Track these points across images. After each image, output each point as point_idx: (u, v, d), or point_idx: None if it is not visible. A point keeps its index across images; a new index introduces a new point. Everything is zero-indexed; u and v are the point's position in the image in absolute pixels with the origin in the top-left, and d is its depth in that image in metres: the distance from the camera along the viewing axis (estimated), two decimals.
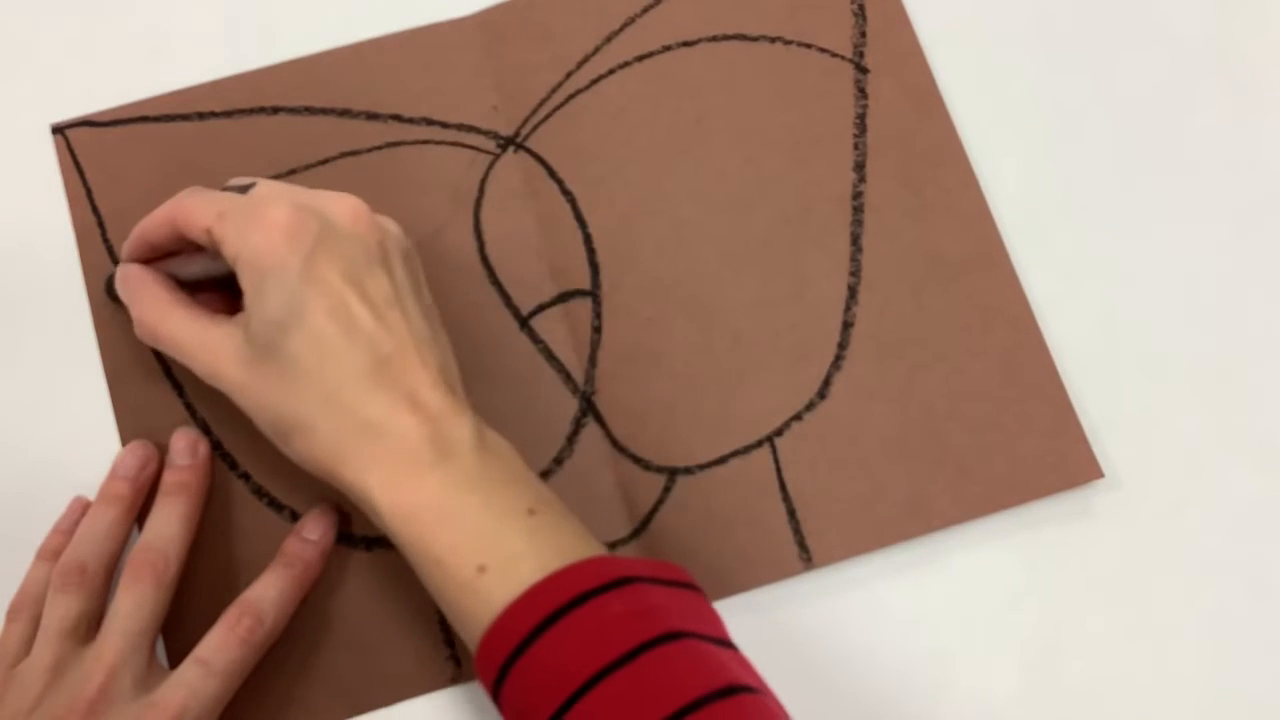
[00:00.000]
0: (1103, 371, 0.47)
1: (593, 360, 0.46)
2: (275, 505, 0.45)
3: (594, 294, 0.47)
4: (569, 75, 0.49)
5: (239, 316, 0.40)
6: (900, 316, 0.47)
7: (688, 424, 0.46)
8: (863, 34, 0.50)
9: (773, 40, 0.50)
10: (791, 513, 0.45)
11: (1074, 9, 0.51)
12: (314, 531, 0.43)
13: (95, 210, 0.48)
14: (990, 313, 0.47)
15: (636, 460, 0.45)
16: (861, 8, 0.50)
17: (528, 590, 0.36)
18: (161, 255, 0.44)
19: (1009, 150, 0.49)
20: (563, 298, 0.47)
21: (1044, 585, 0.45)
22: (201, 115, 0.49)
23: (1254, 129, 0.50)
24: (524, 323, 0.47)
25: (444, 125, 0.49)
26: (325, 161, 0.48)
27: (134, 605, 0.39)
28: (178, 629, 0.42)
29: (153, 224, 0.42)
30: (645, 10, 0.50)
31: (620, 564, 0.37)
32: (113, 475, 0.43)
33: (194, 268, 0.44)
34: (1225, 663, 0.44)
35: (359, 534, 0.45)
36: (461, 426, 0.38)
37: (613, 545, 0.45)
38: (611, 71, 0.49)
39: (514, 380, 0.46)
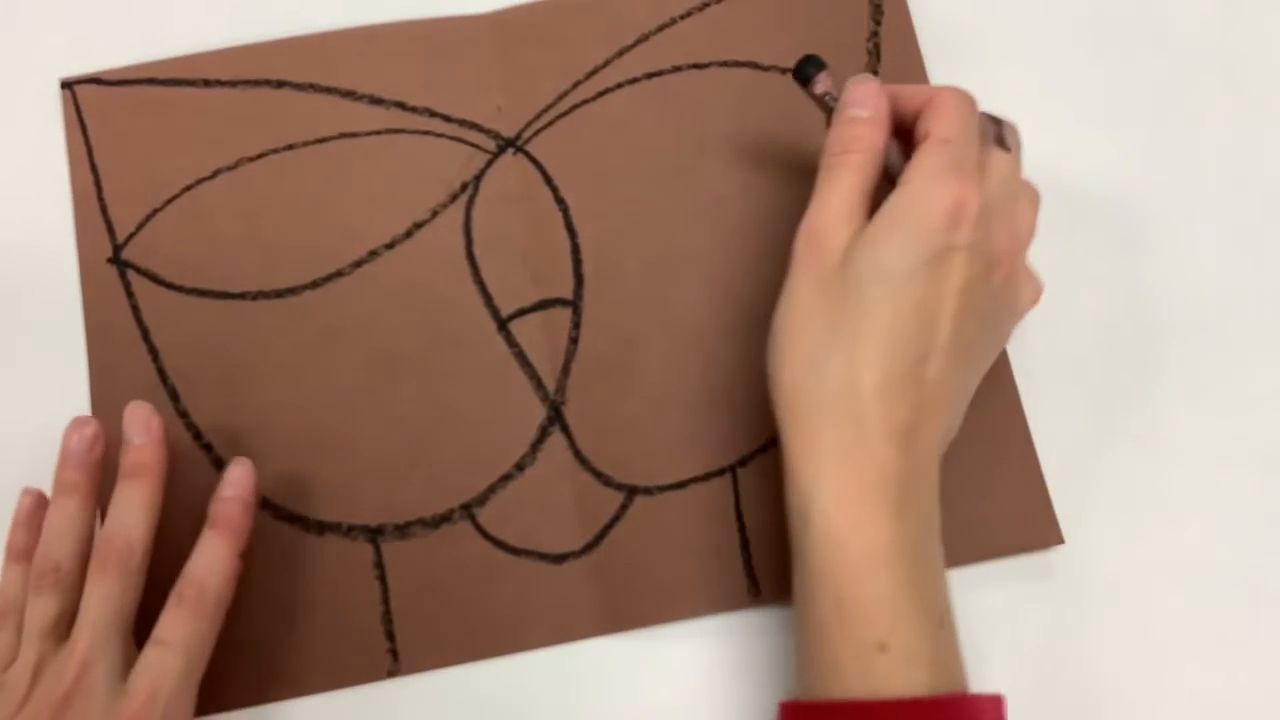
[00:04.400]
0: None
1: (566, 370, 0.46)
2: None
3: (575, 304, 0.47)
4: (576, 84, 0.49)
5: (865, 226, 0.38)
6: None
7: (652, 444, 0.45)
8: (875, 73, 0.50)
9: (784, 72, 0.49)
10: (745, 545, 0.45)
11: (1079, 38, 0.51)
12: (230, 487, 0.42)
13: (94, 168, 0.49)
14: None
15: (597, 475, 0.45)
16: (877, 47, 0.50)
17: (915, 702, 0.34)
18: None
19: None
20: (544, 304, 0.47)
21: (996, 643, 0.44)
22: (207, 82, 0.49)
23: (1255, 138, 0.50)
24: (502, 324, 0.47)
25: (446, 119, 0.49)
26: (323, 140, 0.49)
27: (102, 598, 0.39)
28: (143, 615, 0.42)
29: (910, 93, 0.40)
30: (660, 29, 0.50)
31: (992, 707, 0.36)
32: (63, 463, 0.42)
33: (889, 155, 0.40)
34: None
35: (313, 518, 0.45)
36: (930, 492, 0.37)
37: (563, 557, 0.45)
38: (619, 85, 0.49)
39: (485, 380, 0.46)
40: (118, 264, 0.48)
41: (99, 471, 0.42)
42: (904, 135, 0.40)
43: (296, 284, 0.47)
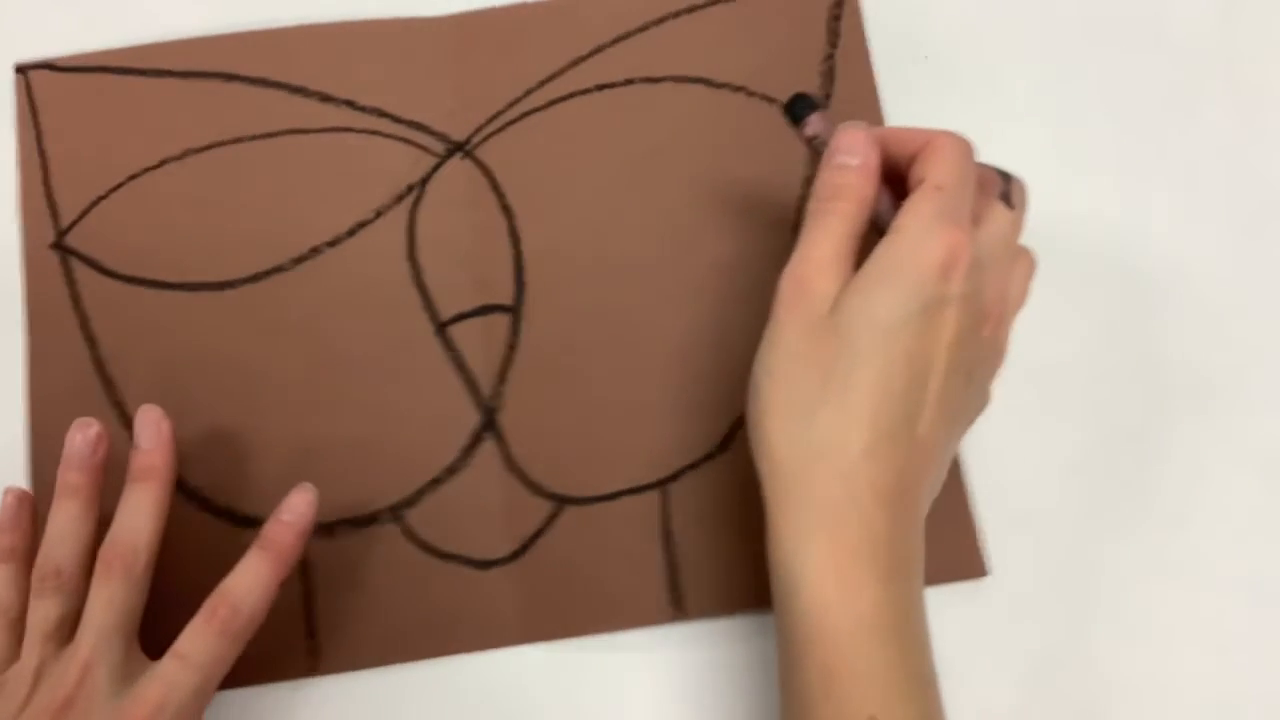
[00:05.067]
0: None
1: (502, 377, 0.46)
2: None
3: (515, 311, 0.47)
4: (529, 92, 0.49)
5: (853, 276, 0.36)
6: None
7: (585, 455, 0.46)
8: (828, 96, 0.50)
9: (736, 89, 0.50)
10: (671, 561, 0.45)
11: (1061, 56, 0.52)
12: (291, 512, 0.40)
13: (42, 153, 0.48)
14: None
15: (528, 483, 0.45)
16: (831, 70, 0.50)
17: None
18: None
19: None
20: (484, 310, 0.47)
21: (997, 643, 0.45)
22: (159, 72, 0.49)
23: (1256, 137, 0.50)
24: (441, 328, 0.47)
25: (396, 120, 0.49)
26: (271, 135, 0.48)
27: (105, 602, 0.38)
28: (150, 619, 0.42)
29: (909, 135, 0.38)
30: (615, 40, 0.50)
31: None
32: (66, 465, 0.41)
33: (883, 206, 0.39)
34: None
35: (241, 511, 0.45)
36: (917, 555, 0.36)
37: (489, 564, 0.45)
38: (571, 95, 0.49)
39: (421, 383, 0.46)
40: (60, 250, 0.48)
41: (102, 474, 0.41)
42: (896, 179, 0.39)
43: (236, 277, 0.47)
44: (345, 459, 0.45)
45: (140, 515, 0.40)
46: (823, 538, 0.35)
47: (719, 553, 0.45)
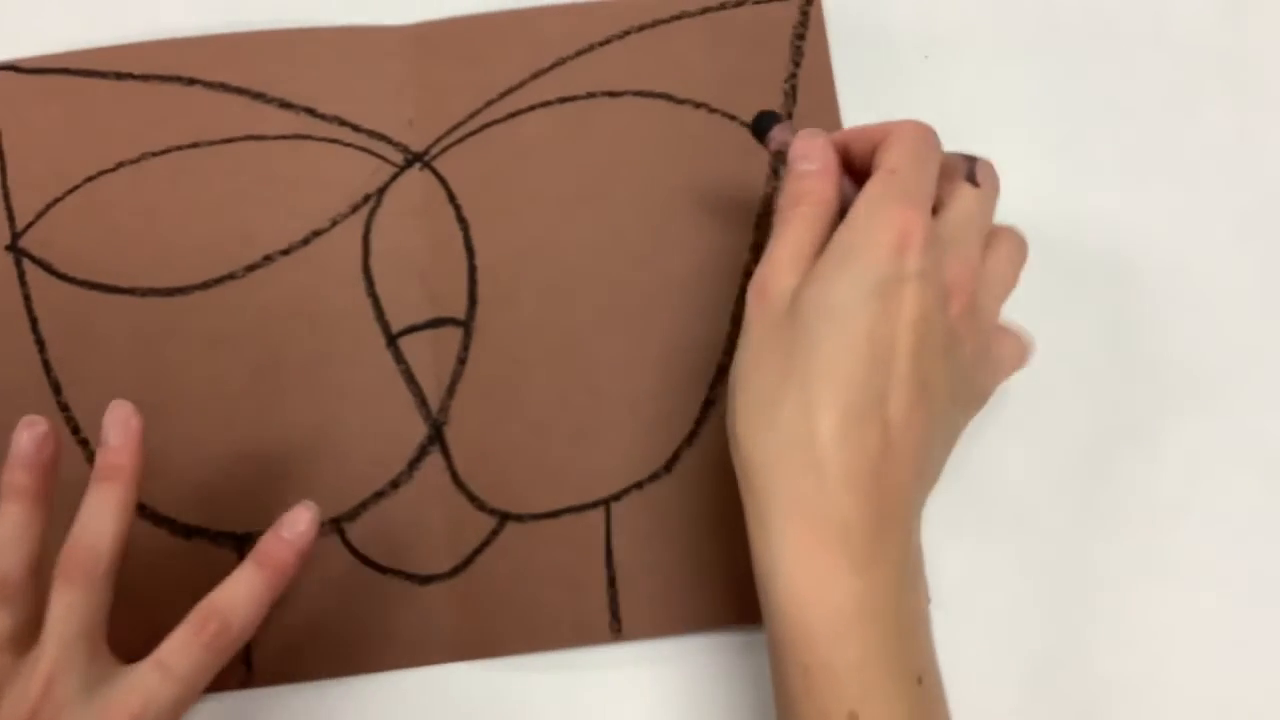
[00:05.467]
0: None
1: (451, 391, 0.46)
2: None
3: (467, 325, 0.47)
4: (489, 104, 0.49)
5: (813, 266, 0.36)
6: None
7: (529, 471, 0.45)
8: (789, 115, 0.50)
9: (698, 106, 0.49)
10: (612, 580, 0.44)
11: (1035, 64, 0.51)
12: (291, 529, 0.39)
13: (0, 155, 0.48)
14: None
15: (472, 498, 0.45)
16: (794, 89, 0.50)
17: None
18: (847, 161, 0.40)
19: None
20: (436, 323, 0.47)
21: (997, 642, 0.44)
22: (119, 75, 0.49)
23: (1257, 136, 0.50)
24: (391, 340, 0.47)
25: (356, 128, 0.49)
26: (229, 141, 0.48)
27: (66, 609, 0.36)
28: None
29: (874, 129, 0.39)
30: (578, 54, 0.50)
31: None
32: (11, 464, 0.38)
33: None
34: None
35: (182, 521, 0.45)
36: (903, 541, 0.35)
37: (429, 579, 0.45)
38: (531, 108, 0.49)
39: (369, 394, 0.46)
40: (14, 252, 0.47)
41: (51, 475, 0.39)
42: (867, 175, 0.39)
43: (187, 284, 0.47)
44: (290, 469, 0.45)
45: (103, 517, 0.37)
46: (792, 531, 0.34)
47: (661, 573, 0.44)
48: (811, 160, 0.39)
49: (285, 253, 0.47)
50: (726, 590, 0.44)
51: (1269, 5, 0.52)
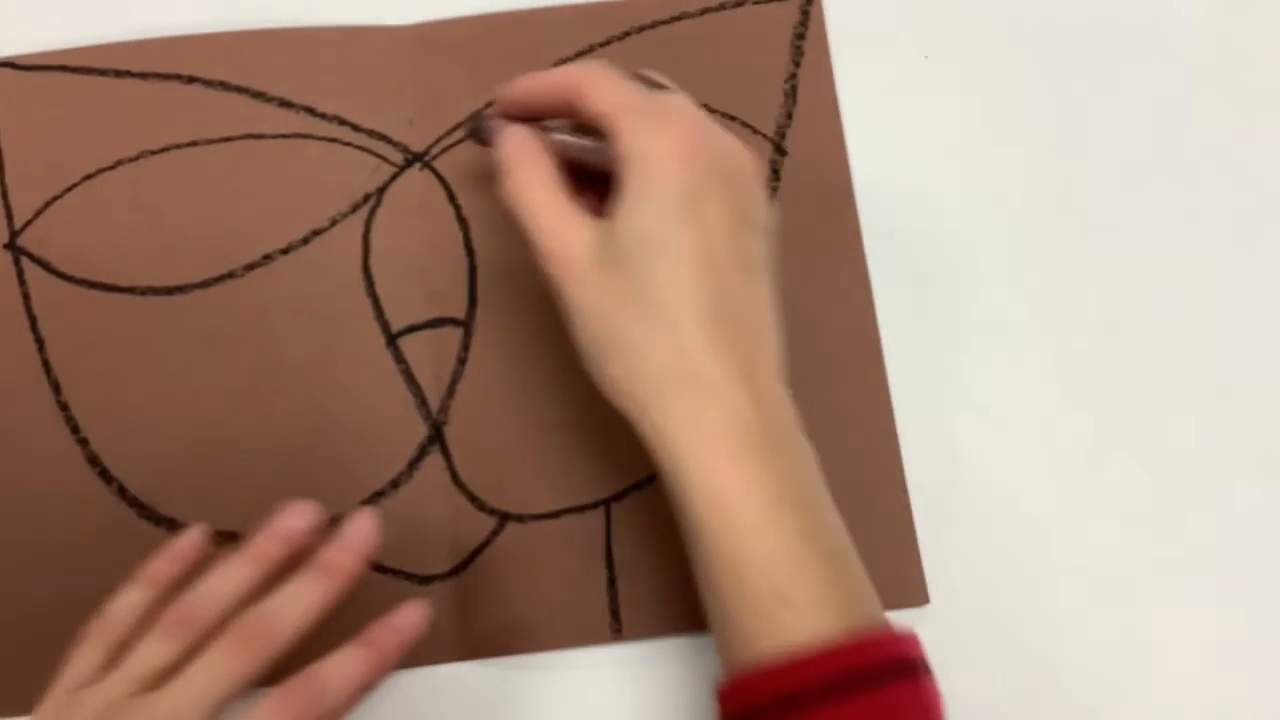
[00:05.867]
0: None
1: (451, 390, 0.46)
2: (105, 476, 0.45)
3: (467, 325, 0.47)
4: (489, 105, 0.49)
5: (604, 218, 0.37)
6: None
7: (530, 472, 0.45)
8: (789, 115, 0.50)
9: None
10: (612, 581, 0.44)
11: (1028, 76, 0.52)
12: (405, 620, 0.38)
13: None
14: (852, 417, 0.46)
15: (472, 498, 0.45)
16: (794, 89, 0.50)
17: (826, 649, 0.33)
18: (533, 118, 0.41)
19: (905, 247, 0.49)
20: (436, 323, 0.47)
21: (997, 642, 0.45)
22: (119, 73, 0.49)
23: (1256, 137, 0.50)
24: (391, 339, 0.47)
25: (356, 128, 0.49)
26: (228, 139, 0.48)
27: (218, 671, 0.35)
28: None
29: (542, 87, 0.39)
30: (578, 55, 0.50)
31: (907, 642, 0.35)
32: (269, 534, 0.38)
33: (570, 150, 0.40)
34: None
35: (183, 520, 0.45)
36: (789, 424, 0.36)
37: (429, 579, 0.45)
38: None
39: (369, 394, 0.46)
40: (13, 250, 0.47)
41: (289, 548, 0.38)
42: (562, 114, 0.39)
43: (187, 283, 0.47)
44: (289, 470, 0.45)
45: (299, 605, 0.36)
46: (696, 440, 0.35)
47: (661, 573, 0.45)
48: (507, 139, 0.40)
49: (285, 252, 0.47)
50: None
51: (1268, 5, 0.52)
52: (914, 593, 0.45)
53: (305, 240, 0.47)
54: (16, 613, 0.44)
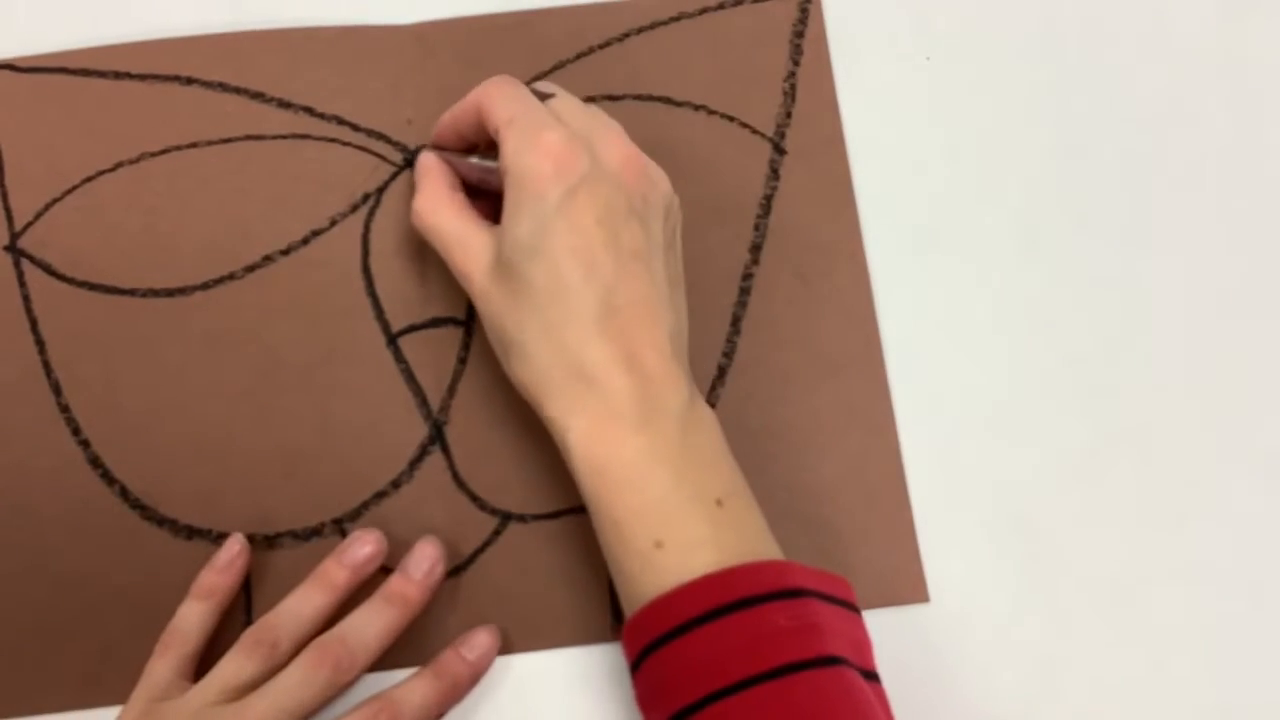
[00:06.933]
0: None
1: (452, 390, 0.46)
2: (107, 478, 0.45)
3: (467, 325, 0.47)
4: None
5: (498, 227, 0.40)
6: (763, 405, 0.46)
7: (531, 471, 0.45)
8: (788, 114, 0.50)
9: (696, 108, 0.49)
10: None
11: (1026, 81, 0.51)
12: (473, 650, 0.42)
13: None
14: (853, 416, 0.46)
15: (473, 498, 0.45)
16: (793, 88, 0.50)
17: (699, 579, 0.36)
18: (467, 145, 0.44)
19: (903, 249, 0.49)
20: (436, 322, 0.47)
21: (996, 643, 0.45)
22: (117, 74, 0.49)
23: (1256, 137, 0.50)
24: (392, 339, 0.47)
25: (355, 128, 0.49)
26: (228, 140, 0.48)
27: (299, 685, 0.39)
28: None
29: (462, 108, 0.43)
30: (578, 57, 0.50)
31: (795, 573, 0.37)
32: (338, 560, 0.42)
33: (473, 172, 0.44)
34: None
35: (184, 522, 0.45)
36: (673, 395, 0.38)
37: None
38: None
39: (369, 394, 0.46)
40: (13, 253, 0.47)
41: (361, 583, 0.42)
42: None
43: (187, 284, 0.47)
44: (291, 470, 0.45)
45: (373, 630, 0.41)
46: (578, 422, 0.38)
47: None
48: (418, 160, 0.44)
49: (285, 252, 0.48)
50: None
51: (1268, 7, 0.52)
52: (914, 590, 0.45)
53: (305, 241, 0.47)
54: (17, 613, 0.43)
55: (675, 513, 0.37)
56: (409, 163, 0.49)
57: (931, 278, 0.49)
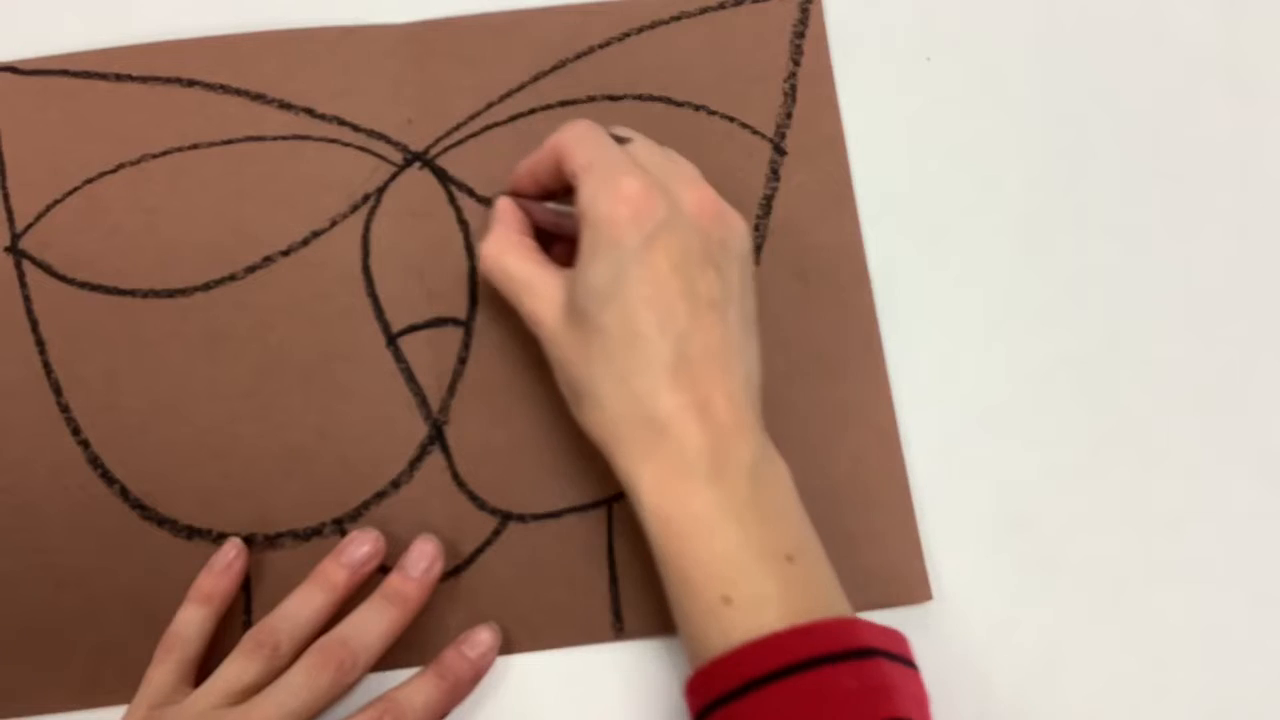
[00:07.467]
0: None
1: (452, 390, 0.46)
2: (107, 478, 0.45)
3: (467, 325, 0.47)
4: (490, 105, 0.49)
5: (570, 271, 0.40)
6: (764, 405, 0.46)
7: (531, 471, 0.45)
8: (789, 115, 0.50)
9: (697, 108, 0.49)
10: (613, 580, 0.44)
11: (1028, 83, 0.51)
12: (475, 649, 0.43)
13: (0, 157, 0.48)
14: (853, 416, 0.46)
15: (473, 498, 0.45)
16: (794, 88, 0.50)
17: (767, 637, 0.35)
18: (544, 191, 0.43)
19: (900, 242, 0.49)
20: (436, 323, 0.47)
21: (997, 643, 0.45)
22: (119, 76, 0.49)
23: (1256, 136, 0.50)
24: (391, 340, 0.47)
25: (355, 128, 0.49)
26: (229, 142, 0.48)
27: (303, 686, 0.39)
28: None
29: (539, 154, 0.42)
30: (578, 56, 0.50)
31: (863, 631, 0.36)
32: (336, 560, 0.42)
33: (548, 216, 0.44)
34: None
35: (184, 522, 0.45)
36: (745, 447, 0.38)
37: None
38: (533, 110, 0.49)
39: (369, 394, 0.46)
40: (14, 254, 0.47)
41: (360, 583, 0.42)
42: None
43: (188, 285, 0.47)
44: (291, 470, 0.45)
45: (374, 630, 0.41)
46: (648, 473, 0.38)
47: None
48: (494, 205, 0.44)
49: (285, 253, 0.48)
50: None
51: (1268, 6, 0.52)
52: (917, 589, 0.45)
53: (305, 242, 0.48)
54: (17, 613, 0.43)
55: (744, 568, 0.36)
56: (409, 162, 0.49)
57: (932, 278, 0.48)
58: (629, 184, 0.38)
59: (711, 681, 0.36)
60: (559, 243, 0.44)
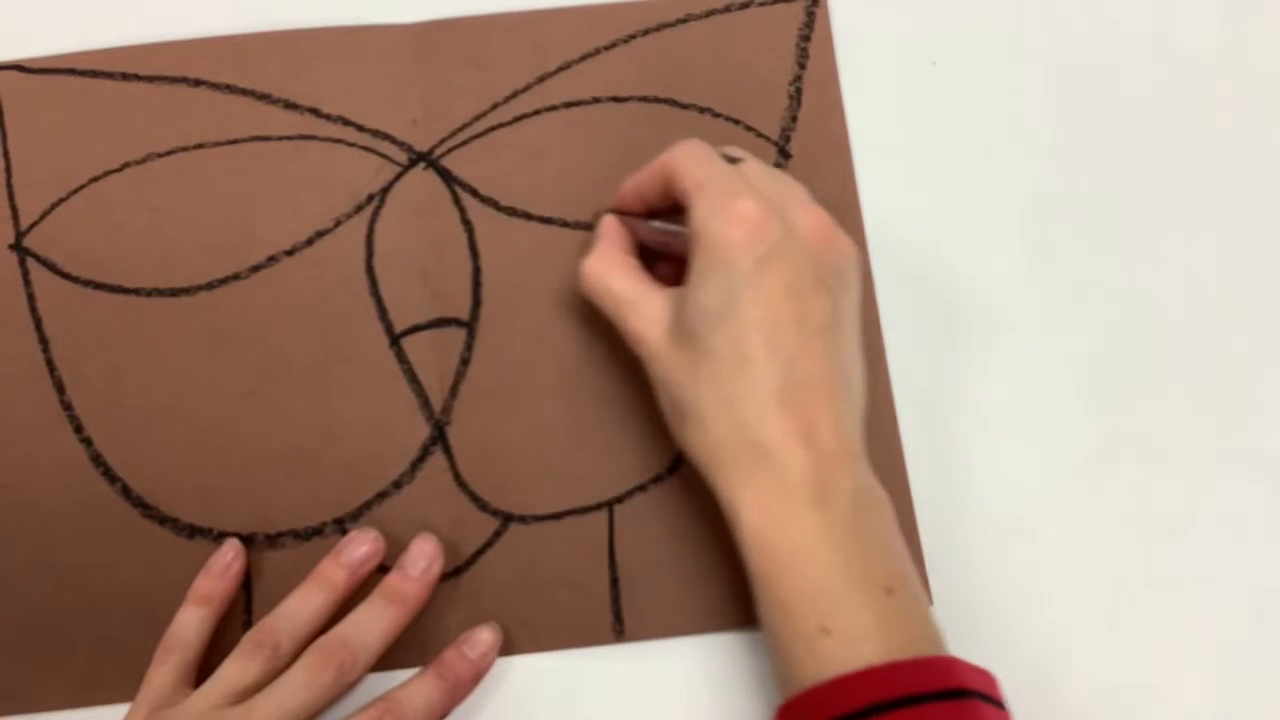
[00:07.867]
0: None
1: (454, 391, 0.46)
2: (109, 476, 0.45)
3: (470, 326, 0.47)
4: (495, 106, 0.49)
5: (678, 290, 0.40)
6: None
7: (533, 473, 0.45)
8: (794, 118, 0.50)
9: (702, 110, 0.49)
10: (615, 581, 0.44)
11: (1031, 92, 0.51)
12: (475, 649, 0.42)
13: (5, 154, 0.49)
14: None
15: (475, 499, 0.45)
16: (799, 91, 0.50)
17: (863, 671, 0.35)
18: (649, 209, 0.43)
19: (909, 252, 0.49)
20: (439, 323, 0.47)
21: (997, 644, 0.44)
22: (125, 76, 0.49)
23: (1259, 140, 0.50)
24: (395, 340, 0.47)
25: (360, 128, 0.49)
26: (234, 142, 0.48)
27: (303, 686, 0.39)
28: None
29: (648, 172, 0.42)
30: (584, 57, 0.50)
31: (959, 670, 0.36)
32: (335, 560, 0.42)
33: (653, 235, 0.43)
34: None
35: (185, 521, 0.45)
36: (848, 475, 0.37)
37: None
38: (538, 112, 0.49)
39: (372, 394, 0.46)
40: (19, 251, 0.48)
41: (359, 583, 0.42)
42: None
43: (192, 284, 0.47)
44: (293, 470, 0.45)
45: (374, 629, 0.41)
46: (749, 496, 0.37)
47: (663, 575, 0.44)
48: (602, 226, 0.44)
49: (289, 253, 0.48)
50: (729, 593, 0.44)
51: (1270, 9, 0.52)
52: None
53: (309, 241, 0.48)
54: (18, 611, 0.43)
55: (844, 599, 0.36)
56: (413, 163, 0.49)
57: (936, 280, 0.48)
58: (744, 206, 0.38)
59: (804, 711, 0.35)
60: (661, 261, 0.44)
